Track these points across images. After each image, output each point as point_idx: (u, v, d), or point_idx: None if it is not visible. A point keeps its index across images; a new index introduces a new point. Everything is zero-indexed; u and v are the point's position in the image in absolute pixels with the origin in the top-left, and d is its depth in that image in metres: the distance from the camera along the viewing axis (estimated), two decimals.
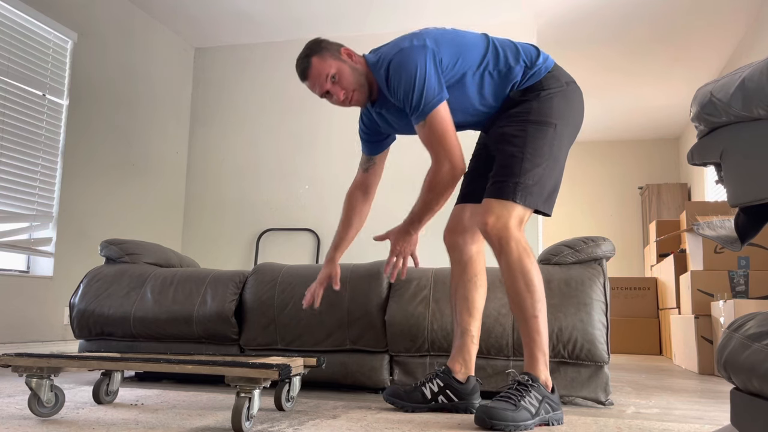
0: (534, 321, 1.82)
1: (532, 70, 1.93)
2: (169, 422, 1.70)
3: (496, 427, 1.66)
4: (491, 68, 1.93)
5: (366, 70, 1.98)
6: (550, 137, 1.88)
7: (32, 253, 3.89)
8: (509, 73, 1.93)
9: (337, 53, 1.98)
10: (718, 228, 2.86)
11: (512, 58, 1.94)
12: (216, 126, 5.39)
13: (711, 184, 6.53)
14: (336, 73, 1.96)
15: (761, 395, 0.95)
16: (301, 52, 2.01)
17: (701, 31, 5.05)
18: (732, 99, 1.03)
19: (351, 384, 2.43)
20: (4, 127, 3.68)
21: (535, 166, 1.84)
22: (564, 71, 1.99)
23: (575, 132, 1.97)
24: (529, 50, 1.97)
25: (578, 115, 1.98)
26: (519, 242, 1.82)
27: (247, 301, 2.56)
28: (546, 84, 1.92)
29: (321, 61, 1.96)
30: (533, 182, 1.84)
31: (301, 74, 2.01)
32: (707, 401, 2.43)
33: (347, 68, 1.96)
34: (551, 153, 1.88)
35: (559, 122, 1.90)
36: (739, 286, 3.86)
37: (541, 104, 1.90)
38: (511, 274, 1.83)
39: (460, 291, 2.04)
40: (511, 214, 1.82)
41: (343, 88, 1.97)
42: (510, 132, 1.89)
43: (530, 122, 1.88)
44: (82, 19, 4.28)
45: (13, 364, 1.76)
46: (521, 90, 1.93)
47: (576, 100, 1.97)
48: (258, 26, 5.11)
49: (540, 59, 1.96)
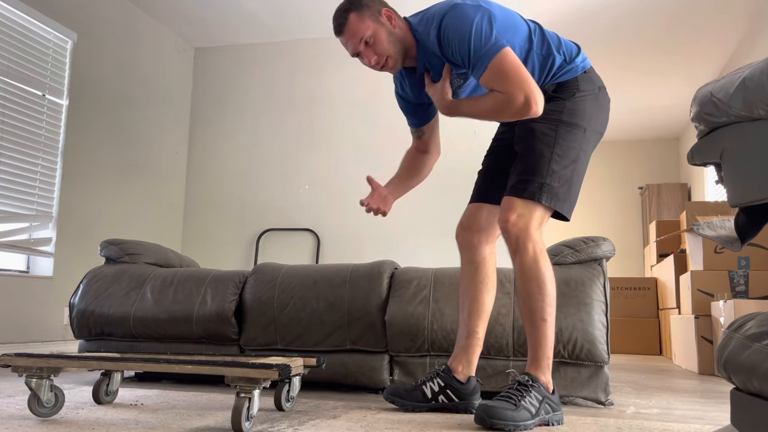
0: (542, 324, 1.81)
1: (570, 65, 1.90)
2: (169, 422, 1.70)
3: (496, 426, 1.66)
4: (536, 49, 1.88)
5: (404, 36, 1.91)
6: (579, 140, 1.85)
7: (32, 253, 3.89)
8: (547, 59, 1.89)
9: (378, 14, 1.88)
10: (718, 228, 2.86)
11: (554, 46, 1.90)
12: (216, 126, 5.39)
13: (711, 184, 6.53)
14: (371, 36, 1.87)
15: (761, 395, 0.95)
16: (341, 4, 1.91)
17: (701, 31, 5.05)
18: (732, 99, 1.03)
19: (351, 384, 2.43)
20: (4, 127, 3.68)
21: (563, 168, 1.82)
22: (597, 76, 1.96)
23: (599, 139, 1.95)
24: (570, 46, 1.94)
25: (605, 122, 1.95)
26: (537, 244, 1.81)
27: (247, 301, 2.56)
28: (581, 85, 1.89)
29: (359, 20, 1.87)
30: (559, 184, 1.81)
31: (336, 29, 1.91)
32: (707, 401, 2.43)
33: (384, 33, 1.88)
34: (578, 157, 1.85)
35: (588, 127, 1.87)
36: (739, 286, 3.86)
37: (574, 105, 1.87)
38: (524, 275, 1.82)
39: (471, 292, 2.02)
40: (533, 214, 1.81)
41: (375, 53, 1.89)
42: (540, 129, 1.85)
43: (562, 122, 1.85)
44: (82, 19, 4.27)
45: (13, 364, 1.76)
46: (556, 84, 1.89)
47: (605, 107, 1.94)
48: (258, 26, 5.11)
49: (579, 57, 1.92)
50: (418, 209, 4.74)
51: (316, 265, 2.65)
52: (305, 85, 5.23)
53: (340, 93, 5.13)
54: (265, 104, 5.30)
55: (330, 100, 5.16)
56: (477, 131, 4.54)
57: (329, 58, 5.20)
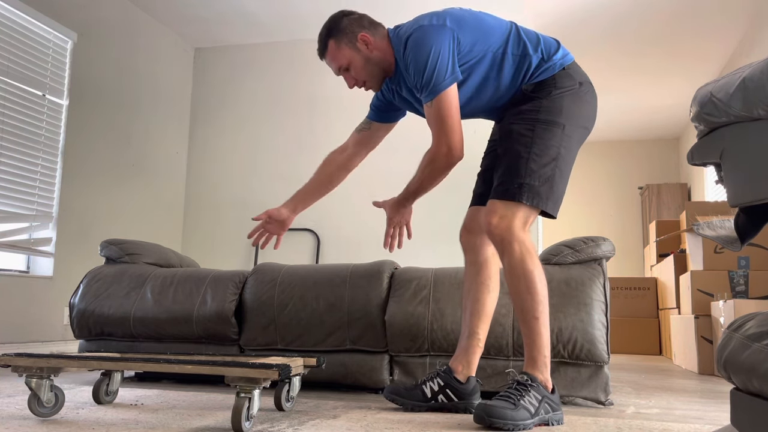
0: (535, 323, 1.81)
1: (547, 63, 1.90)
2: (169, 422, 1.70)
3: (495, 426, 1.66)
4: (510, 52, 1.90)
5: (383, 56, 1.98)
6: (558, 138, 1.85)
7: (32, 253, 3.89)
8: (524, 60, 1.90)
9: (354, 40, 1.96)
10: (718, 228, 2.86)
11: (531, 46, 1.91)
12: (216, 126, 5.39)
13: (711, 184, 6.53)
14: (348, 65, 1.98)
15: (761, 395, 0.95)
16: (322, 27, 2.01)
17: (701, 31, 5.05)
18: (732, 99, 1.03)
19: (351, 384, 2.43)
20: (4, 127, 3.68)
21: (542, 166, 1.83)
22: (580, 70, 1.96)
23: (585, 134, 1.94)
24: (550, 44, 1.94)
25: (589, 116, 1.95)
26: (522, 243, 1.81)
27: (247, 301, 2.56)
28: (559, 82, 1.89)
29: (336, 48, 1.98)
30: (540, 183, 1.82)
31: (319, 52, 2.04)
32: (707, 401, 2.43)
33: (360, 60, 1.97)
34: (559, 153, 1.85)
35: (568, 123, 1.87)
36: (739, 286, 3.86)
37: (551, 103, 1.87)
38: (512, 275, 1.83)
39: (473, 293, 2.03)
40: (515, 214, 1.81)
41: (353, 78, 2.01)
42: (517, 130, 1.87)
43: (539, 121, 1.86)
44: (82, 19, 4.27)
45: (13, 364, 1.76)
46: (533, 84, 1.90)
47: (588, 101, 1.94)
48: (258, 26, 5.11)
49: (557, 54, 1.93)
50: (418, 209, 4.73)
51: (316, 265, 2.65)
52: (305, 85, 5.23)
53: (340, 93, 5.13)
54: (265, 104, 5.30)
55: (330, 100, 5.16)
56: (477, 130, 4.53)
57: None
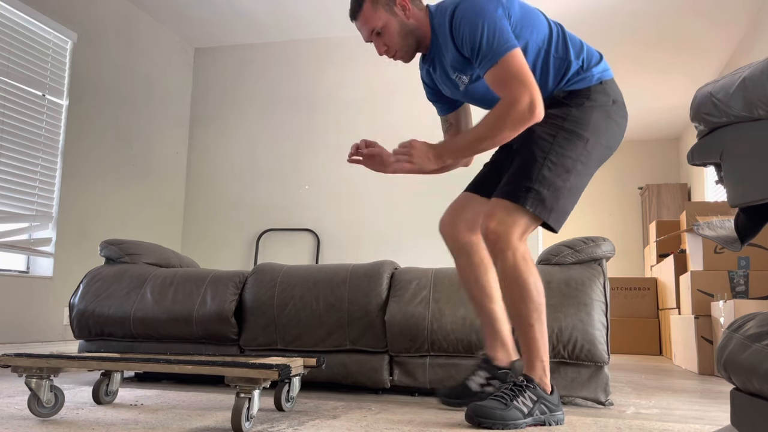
0: (530, 330, 1.78)
1: (585, 73, 1.85)
2: (169, 422, 1.70)
3: (484, 425, 1.67)
4: (553, 51, 1.84)
5: (419, 26, 1.89)
6: (578, 150, 1.79)
7: (32, 253, 3.89)
8: (563, 64, 1.84)
9: (392, 3, 1.87)
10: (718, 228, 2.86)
11: (574, 52, 1.85)
12: (216, 126, 5.39)
13: (711, 184, 6.53)
14: (382, 28, 1.88)
15: (761, 395, 0.95)
16: None
17: (701, 31, 5.05)
18: (732, 99, 1.03)
19: (351, 384, 2.43)
20: (4, 127, 3.68)
21: (555, 176, 1.76)
22: (617, 88, 1.90)
23: (607, 154, 1.87)
24: (592, 54, 1.90)
25: (615, 136, 1.87)
26: (516, 251, 1.76)
27: (247, 301, 2.56)
28: (593, 94, 1.84)
29: (372, 9, 1.87)
30: (548, 192, 1.75)
31: (351, 13, 1.92)
32: (707, 401, 2.43)
33: (396, 24, 1.88)
34: (574, 167, 1.79)
35: (592, 138, 1.81)
36: (739, 287, 3.86)
37: (580, 113, 1.81)
38: (505, 281, 1.80)
39: (472, 278, 1.99)
40: (515, 222, 1.76)
41: (385, 44, 1.91)
42: (538, 132, 1.81)
43: (563, 129, 1.80)
44: (82, 19, 4.27)
45: (12, 364, 1.75)
46: (567, 91, 1.85)
47: (617, 121, 1.87)
48: (258, 26, 5.11)
49: (598, 67, 1.87)
50: (419, 209, 4.74)
51: (316, 266, 2.65)
52: (305, 85, 5.23)
53: (340, 93, 5.13)
54: (265, 104, 5.30)
55: (330, 99, 5.16)
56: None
57: (329, 58, 5.20)
